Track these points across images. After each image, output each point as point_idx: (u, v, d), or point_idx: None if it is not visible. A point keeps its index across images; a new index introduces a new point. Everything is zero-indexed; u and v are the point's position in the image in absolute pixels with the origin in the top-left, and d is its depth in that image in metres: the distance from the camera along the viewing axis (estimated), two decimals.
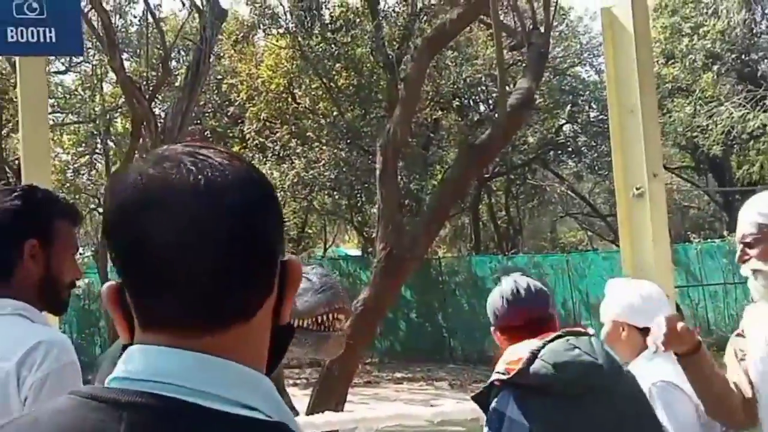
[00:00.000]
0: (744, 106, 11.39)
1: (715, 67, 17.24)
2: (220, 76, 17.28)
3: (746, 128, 11.27)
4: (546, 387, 1.93)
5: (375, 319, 6.85)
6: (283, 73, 16.90)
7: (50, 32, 2.76)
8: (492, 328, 2.15)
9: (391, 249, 6.42)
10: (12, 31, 2.74)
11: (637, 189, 2.83)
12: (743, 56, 18.67)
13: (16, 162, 13.76)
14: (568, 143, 18.65)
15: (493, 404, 1.99)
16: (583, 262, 16.34)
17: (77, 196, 17.60)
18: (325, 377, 6.48)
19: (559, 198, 22.35)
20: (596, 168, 18.07)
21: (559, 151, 18.96)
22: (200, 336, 0.74)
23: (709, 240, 17.64)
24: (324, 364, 6.81)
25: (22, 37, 2.74)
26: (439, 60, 14.75)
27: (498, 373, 2.01)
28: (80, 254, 17.40)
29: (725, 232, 17.58)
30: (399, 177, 13.69)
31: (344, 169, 15.36)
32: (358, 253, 19.40)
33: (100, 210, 15.97)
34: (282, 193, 15.34)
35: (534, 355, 1.95)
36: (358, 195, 15.85)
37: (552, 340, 1.98)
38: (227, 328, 0.75)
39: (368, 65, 16.74)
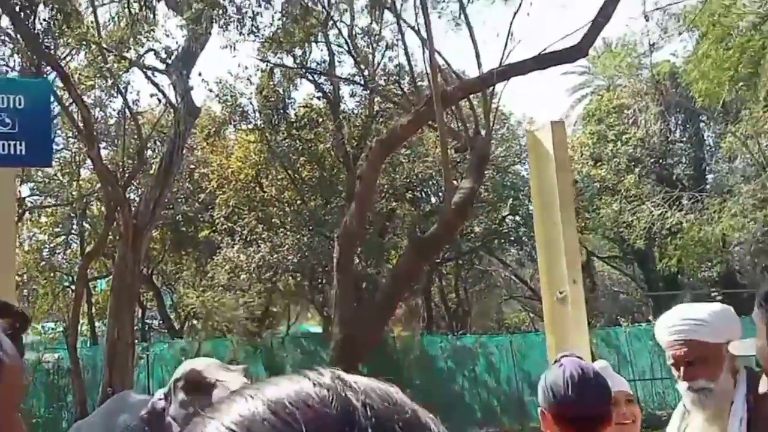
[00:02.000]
0: (662, 205, 11.87)
1: (637, 170, 18.01)
2: (192, 166, 17.35)
3: (665, 225, 11.71)
4: None
5: None
6: (251, 165, 17.07)
7: (20, 145, 2.75)
8: (541, 409, 1.84)
9: (346, 334, 6.45)
10: None
11: (560, 293, 2.99)
12: (660, 161, 19.58)
13: None
14: (511, 233, 19.02)
15: None
16: (525, 343, 16.40)
17: (52, 274, 17.22)
18: None
19: (503, 282, 22.62)
20: (535, 256, 18.37)
21: (503, 240, 19.29)
22: None
23: (636, 324, 17.97)
24: None
25: None
26: (393, 157, 15.14)
27: None
28: (52, 329, 17.00)
29: (650, 317, 17.94)
30: (357, 262, 13.84)
31: (306, 254, 15.37)
32: (319, 329, 19.18)
33: (73, 287, 15.63)
34: (248, 275, 15.24)
35: None
36: (319, 277, 15.82)
37: None
38: None
39: (329, 159, 17.04)
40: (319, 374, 0.49)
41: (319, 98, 17.56)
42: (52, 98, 11.13)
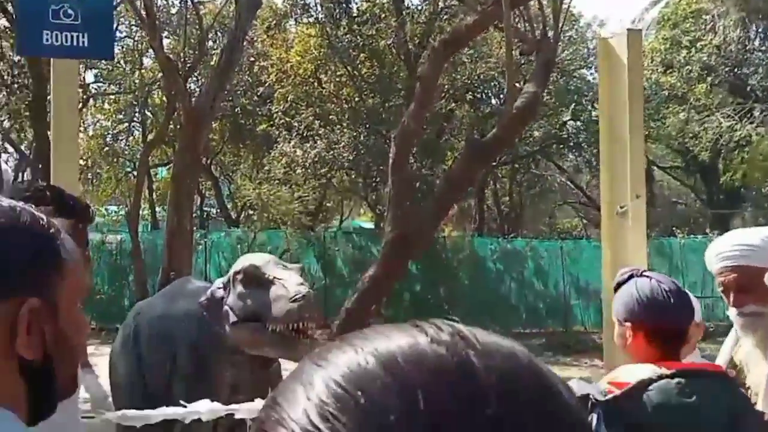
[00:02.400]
0: (732, 117, 11.30)
1: (709, 79, 17.09)
2: (252, 59, 17.23)
3: (733, 137, 11.19)
4: (644, 429, 1.62)
5: (380, 295, 6.94)
6: (310, 59, 16.83)
7: (83, 37, 2.72)
8: (620, 320, 1.78)
9: (398, 233, 6.49)
10: (47, 34, 2.70)
11: (621, 207, 2.88)
12: (736, 70, 18.50)
13: None
14: (570, 138, 18.53)
15: (591, 421, 1.64)
16: (575, 249, 16.35)
17: (115, 159, 17.77)
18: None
19: (558, 187, 22.34)
20: (593, 163, 18.00)
21: (561, 145, 18.83)
22: None
23: (692, 235, 17.62)
24: (330, 332, 6.91)
25: (56, 41, 2.70)
26: (455, 56, 14.68)
27: (598, 390, 1.69)
28: (115, 212, 17.72)
29: (708, 230, 17.53)
30: (412, 163, 13.76)
31: (362, 151, 15.35)
32: (371, 225, 19.47)
33: (134, 173, 16.11)
34: (303, 170, 15.38)
35: (641, 387, 1.63)
36: (374, 175, 15.84)
37: (672, 376, 1.64)
38: None
39: (390, 57, 16.65)
40: (438, 329, 0.44)
41: None
42: None
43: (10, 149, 18.73)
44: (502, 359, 0.43)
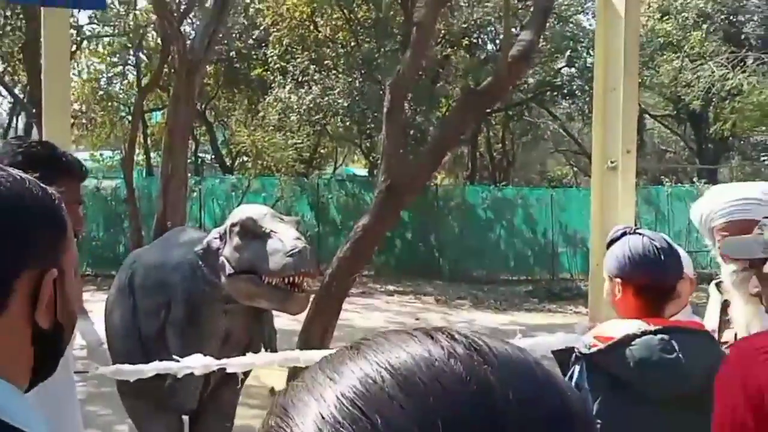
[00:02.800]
0: (725, 65, 11.18)
1: (705, 26, 16.83)
2: (247, 1, 16.87)
3: (725, 86, 11.10)
4: (625, 382, 1.64)
5: (372, 243, 6.91)
6: (306, 2, 16.46)
7: None
8: (611, 276, 1.78)
9: (392, 181, 6.44)
10: None
11: (611, 162, 2.86)
12: (731, 17, 18.22)
13: None
14: (564, 86, 18.34)
15: (573, 373, 1.69)
16: (565, 197, 16.40)
17: (110, 103, 17.50)
18: (324, 292, 6.60)
19: (551, 135, 22.25)
20: (586, 111, 17.88)
21: (555, 93, 18.65)
22: None
23: (679, 184, 17.68)
24: (323, 280, 6.96)
25: None
26: (452, 1, 14.37)
27: (583, 343, 1.71)
28: (109, 157, 17.56)
29: (695, 178, 17.59)
30: (407, 109, 13.61)
31: (357, 98, 15.17)
32: (365, 172, 19.44)
33: (129, 118, 15.91)
34: (298, 116, 15.21)
35: (624, 342, 1.65)
36: (369, 122, 15.68)
37: (656, 332, 1.65)
38: None
39: (386, 1, 16.33)
40: (452, 339, 0.42)
41: None
42: None
43: (4, 92, 18.44)
44: (520, 380, 0.41)
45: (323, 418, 0.40)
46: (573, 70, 18.12)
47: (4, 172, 0.83)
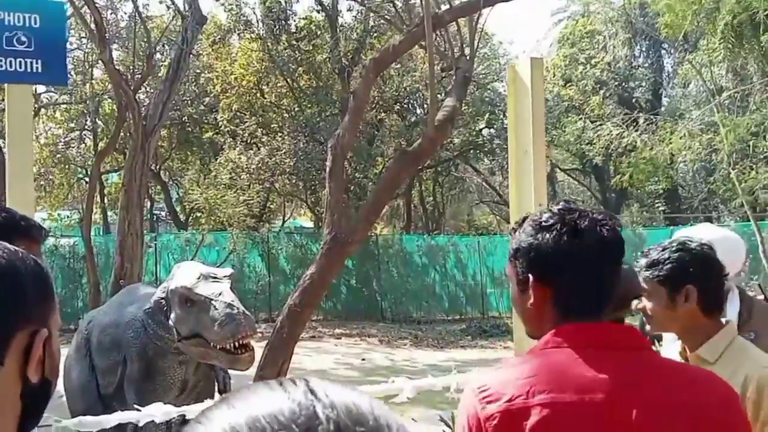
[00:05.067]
0: (621, 125, 11.84)
1: (602, 92, 17.84)
2: (198, 71, 16.85)
3: (621, 144, 11.74)
4: None
5: (320, 291, 6.85)
6: (253, 72, 16.61)
7: (37, 63, 2.62)
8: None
9: (335, 233, 6.47)
10: (1, 60, 2.59)
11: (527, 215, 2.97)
12: (623, 84, 19.36)
13: None
14: (486, 144, 18.96)
15: None
16: (491, 243, 16.72)
17: (67, 166, 17.01)
18: (276, 337, 6.49)
19: (475, 188, 22.81)
20: (505, 166, 18.46)
21: (478, 151, 19.25)
22: None
23: None
24: (275, 326, 6.85)
25: (11, 67, 2.60)
26: (384, 71, 14.74)
27: None
28: (67, 217, 16.97)
29: None
30: (347, 168, 13.77)
31: (302, 158, 15.25)
32: (311, 224, 19.38)
33: (86, 180, 15.48)
34: (248, 175, 15.15)
35: None
36: (313, 179, 15.76)
37: None
38: None
39: (326, 70, 16.61)
40: (295, 386, 0.50)
41: (318, 11, 16.93)
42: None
43: None
44: (343, 410, 0.48)
45: None
46: (492, 130, 18.79)
47: (1, 245, 0.86)
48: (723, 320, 1.81)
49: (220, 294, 2.49)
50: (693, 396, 1.14)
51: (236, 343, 2.43)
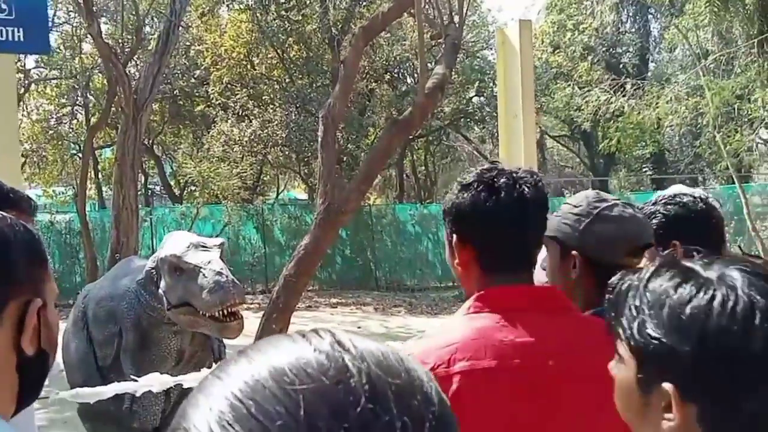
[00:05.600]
0: (608, 91, 11.77)
1: (590, 58, 17.68)
2: (188, 43, 16.55)
3: (609, 109, 11.68)
4: None
5: (314, 261, 6.86)
6: (243, 43, 16.33)
7: (18, 31, 2.50)
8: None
9: (329, 203, 6.43)
10: None
11: None
12: (611, 50, 19.21)
13: None
14: (476, 113, 18.83)
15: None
16: None
17: (60, 142, 16.80)
18: (272, 307, 6.50)
19: (467, 156, 22.72)
20: (496, 134, 18.36)
21: (468, 119, 19.14)
22: None
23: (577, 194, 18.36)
24: (271, 296, 6.84)
25: None
26: (374, 40, 14.54)
27: None
28: (62, 193, 16.80)
29: (589, 189, 18.33)
30: (339, 139, 13.66)
31: (294, 129, 15.09)
32: (305, 196, 19.30)
33: (80, 155, 15.30)
34: (241, 147, 15.01)
35: None
36: (306, 151, 15.62)
37: None
38: None
39: (315, 40, 16.35)
40: (320, 338, 0.45)
41: None
42: None
43: None
44: (374, 361, 0.44)
45: (210, 410, 0.42)
46: (482, 98, 18.64)
47: None
48: None
49: (209, 262, 2.45)
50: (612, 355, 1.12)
51: (224, 311, 2.40)
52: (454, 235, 1.22)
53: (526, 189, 1.17)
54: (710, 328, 0.69)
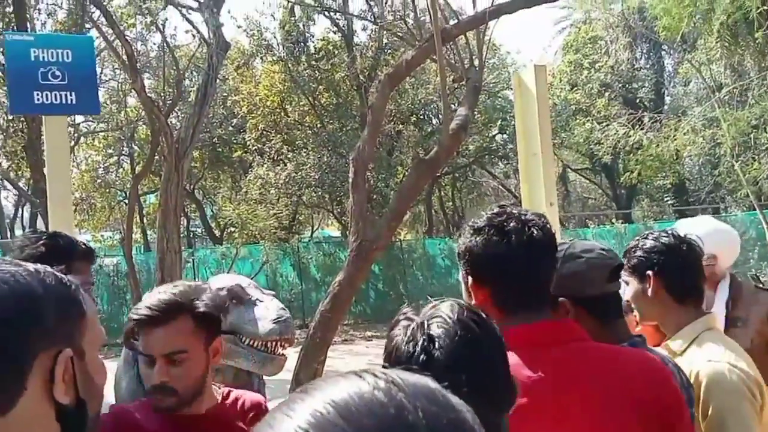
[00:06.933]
0: (626, 125, 11.71)
1: (607, 94, 17.66)
2: (225, 94, 17.06)
3: (628, 142, 11.61)
4: None
5: (349, 296, 6.84)
6: (276, 92, 16.75)
7: (71, 95, 2.66)
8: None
9: (361, 240, 6.46)
10: (38, 94, 2.64)
11: None
12: (627, 86, 19.16)
13: None
14: (499, 149, 18.87)
15: None
16: None
17: (107, 190, 17.30)
18: (310, 342, 6.50)
19: (492, 191, 22.68)
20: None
21: (492, 156, 19.17)
22: None
23: (600, 225, 18.11)
24: (308, 332, 6.84)
25: (47, 99, 2.65)
26: (399, 84, 14.77)
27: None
28: (110, 237, 17.23)
29: (613, 220, 18.09)
30: (369, 178, 13.81)
31: (326, 171, 15.31)
32: (338, 234, 19.42)
33: (126, 201, 15.72)
34: (276, 189, 15.26)
35: None
36: (338, 191, 15.82)
37: None
38: None
39: (344, 87, 16.69)
40: (375, 377, 0.47)
41: (334, 32, 17.04)
42: (97, 34, 10.80)
43: (9, 186, 18.10)
44: (425, 399, 0.46)
45: None
46: (505, 136, 18.68)
47: (20, 267, 0.81)
48: (709, 310, 1.71)
49: (271, 300, 2.47)
50: (624, 380, 1.13)
51: (274, 344, 2.38)
52: (469, 277, 1.24)
53: (535, 232, 1.19)
54: None
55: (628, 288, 1.65)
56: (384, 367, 0.86)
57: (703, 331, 1.59)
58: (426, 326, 0.89)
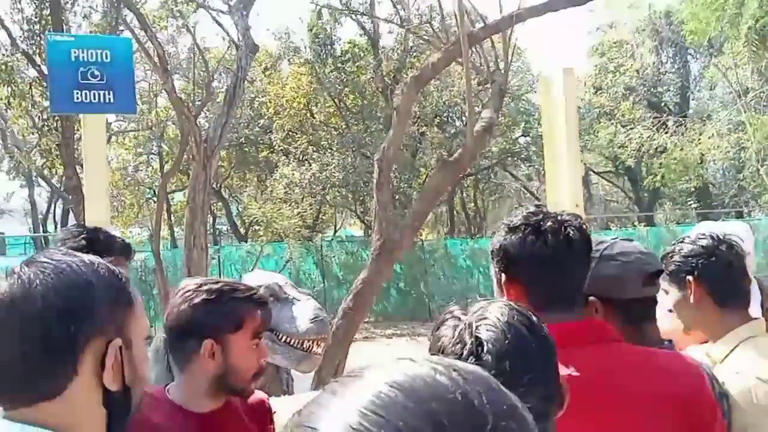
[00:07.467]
0: (651, 128, 11.53)
1: (631, 98, 17.41)
2: (253, 95, 17.20)
3: (652, 145, 11.42)
4: None
5: (371, 295, 6.83)
6: (303, 94, 16.85)
7: (109, 94, 2.71)
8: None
9: (384, 240, 6.46)
10: (77, 93, 2.70)
11: None
12: (652, 89, 18.87)
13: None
14: (522, 152, 18.73)
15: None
16: None
17: (137, 188, 17.56)
18: (332, 339, 6.52)
19: (514, 193, 22.53)
20: (542, 172, 18.15)
21: (515, 158, 19.04)
22: (17, 408, 0.77)
23: (623, 228, 17.86)
24: (331, 328, 6.86)
25: (86, 98, 2.70)
26: (424, 87, 14.75)
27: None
28: (138, 234, 17.46)
29: (636, 222, 17.82)
30: (393, 179, 13.79)
31: (350, 171, 15.36)
32: (361, 233, 19.46)
33: (154, 199, 15.94)
34: (301, 189, 15.34)
35: None
36: (361, 191, 15.86)
37: None
38: (33, 405, 0.76)
39: (370, 90, 16.73)
40: (431, 362, 0.45)
41: (361, 35, 17.09)
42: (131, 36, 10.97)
43: (43, 183, 18.49)
44: (486, 388, 0.45)
45: (352, 428, 0.40)
46: (528, 138, 18.55)
47: (77, 258, 0.83)
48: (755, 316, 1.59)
49: (308, 299, 2.48)
50: (659, 384, 1.13)
51: (311, 343, 2.39)
52: (503, 274, 1.23)
53: (572, 232, 1.18)
54: None
55: (668, 296, 1.57)
56: None
57: (749, 337, 1.48)
58: (475, 328, 0.88)
